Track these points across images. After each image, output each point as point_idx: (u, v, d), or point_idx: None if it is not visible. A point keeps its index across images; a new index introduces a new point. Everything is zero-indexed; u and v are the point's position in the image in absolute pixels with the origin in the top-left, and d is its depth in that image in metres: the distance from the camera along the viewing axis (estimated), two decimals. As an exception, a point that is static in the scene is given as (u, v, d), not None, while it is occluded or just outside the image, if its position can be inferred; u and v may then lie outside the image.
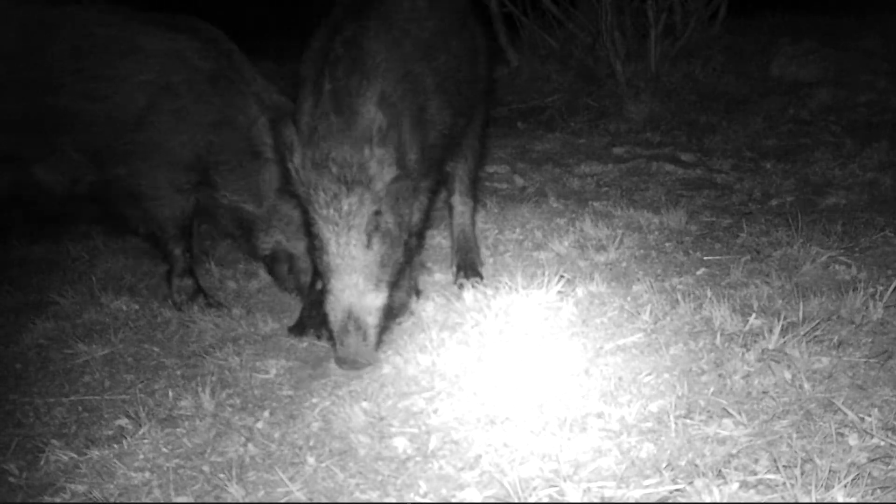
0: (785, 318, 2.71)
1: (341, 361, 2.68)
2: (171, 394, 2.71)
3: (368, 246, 2.62)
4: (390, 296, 2.72)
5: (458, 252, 3.49)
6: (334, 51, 2.69)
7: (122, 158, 3.29)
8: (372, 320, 2.66)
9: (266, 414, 2.53)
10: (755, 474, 2.01)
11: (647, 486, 2.01)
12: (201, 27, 3.45)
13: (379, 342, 2.73)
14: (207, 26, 3.47)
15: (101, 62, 3.26)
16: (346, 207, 2.58)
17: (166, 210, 3.38)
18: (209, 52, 3.35)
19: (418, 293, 3.22)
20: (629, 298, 3.10)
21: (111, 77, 3.26)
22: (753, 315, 2.80)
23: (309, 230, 2.73)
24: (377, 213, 2.61)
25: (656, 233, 3.84)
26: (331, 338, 2.73)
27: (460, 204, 3.49)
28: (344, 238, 2.60)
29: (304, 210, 2.72)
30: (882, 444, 2.08)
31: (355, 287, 2.62)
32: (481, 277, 3.40)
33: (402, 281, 2.89)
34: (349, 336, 2.63)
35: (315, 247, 2.69)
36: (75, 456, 2.39)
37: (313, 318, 3.10)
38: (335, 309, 2.64)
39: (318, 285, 3.00)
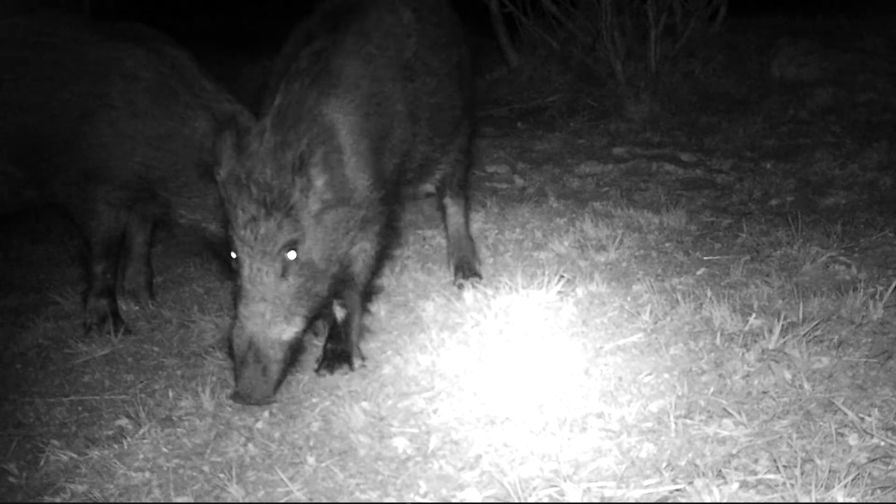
0: (785, 318, 2.71)
1: (236, 395, 2.50)
2: (171, 394, 2.71)
3: (283, 275, 2.45)
4: (303, 330, 2.54)
5: (453, 253, 3.46)
6: (298, 63, 2.59)
7: (56, 172, 3.17)
8: (274, 354, 2.46)
9: (266, 414, 2.53)
10: (755, 474, 2.01)
11: (647, 486, 2.01)
12: (146, 34, 3.27)
13: (280, 380, 2.52)
14: (155, 34, 3.30)
15: (40, 72, 3.16)
16: (262, 231, 2.41)
17: (95, 227, 3.22)
18: (151, 62, 3.17)
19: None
20: (629, 298, 3.11)
21: (47, 87, 3.14)
22: (753, 315, 2.80)
23: (228, 248, 2.54)
24: (295, 242, 2.44)
25: (656, 233, 3.84)
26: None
27: (452, 205, 3.43)
28: (257, 263, 2.43)
29: (224, 227, 2.57)
30: (882, 444, 2.08)
31: (262, 317, 2.44)
32: (479, 276, 3.39)
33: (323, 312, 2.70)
34: (247, 368, 2.46)
35: (232, 268, 2.53)
36: (75, 456, 2.39)
37: None
38: (238, 337, 2.47)
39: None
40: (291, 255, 2.44)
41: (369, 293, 2.89)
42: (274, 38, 3.11)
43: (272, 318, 2.45)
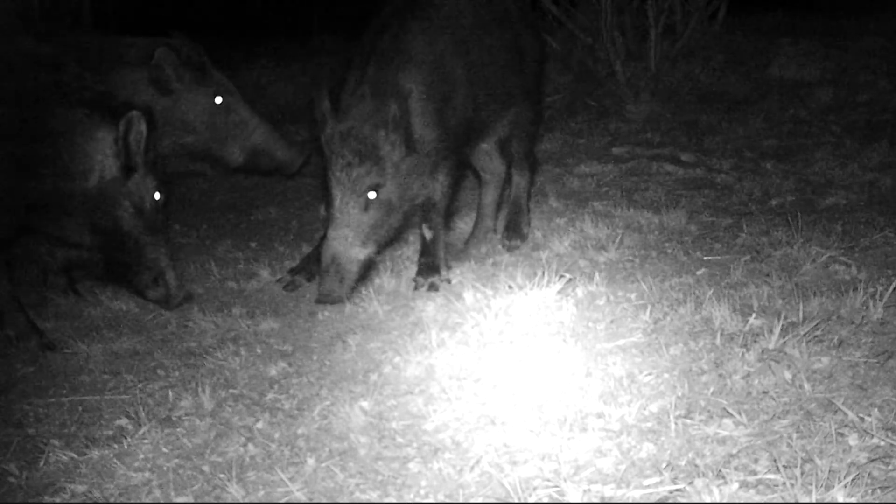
0: (785, 318, 2.71)
1: (319, 294, 3.21)
2: (171, 394, 2.71)
3: (365, 209, 3.12)
4: (376, 252, 3.23)
5: (508, 215, 3.90)
6: (382, 43, 3.23)
7: None
8: (350, 268, 3.15)
9: (266, 414, 2.53)
10: (755, 474, 2.01)
11: (647, 486, 2.01)
12: None
13: (353, 287, 3.21)
14: None
15: None
16: (354, 174, 3.08)
17: None
18: None
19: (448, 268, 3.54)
20: (629, 298, 3.11)
21: None
22: (753, 315, 2.80)
23: (325, 186, 3.22)
24: (378, 185, 3.11)
25: (656, 233, 3.84)
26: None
27: (517, 175, 3.91)
28: (346, 198, 3.10)
29: (324, 169, 3.21)
30: (882, 444, 2.08)
31: (344, 239, 3.12)
32: (524, 239, 3.81)
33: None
34: (329, 276, 3.14)
35: (326, 201, 3.22)
36: (75, 456, 2.39)
37: (307, 269, 3.55)
38: (325, 252, 3.15)
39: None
40: (373, 195, 3.12)
41: (450, 215, 3.62)
42: (271, 40, 3.17)
43: (352, 241, 3.13)
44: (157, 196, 3.15)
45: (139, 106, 3.09)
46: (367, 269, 3.27)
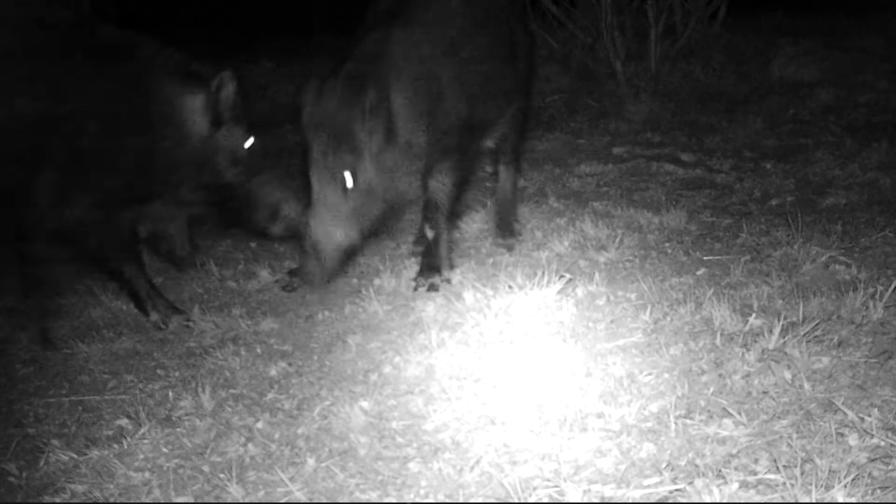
0: (785, 318, 2.71)
1: (301, 274, 3.31)
2: (171, 394, 2.71)
3: (343, 195, 3.09)
4: (357, 239, 3.19)
5: (498, 214, 3.93)
6: (363, 44, 3.23)
7: None
8: (330, 254, 3.15)
9: (266, 414, 2.53)
10: (755, 474, 2.01)
11: (647, 487, 2.01)
12: None
13: (333, 272, 3.23)
14: None
15: None
16: (330, 160, 3.06)
17: None
18: None
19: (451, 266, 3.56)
20: (629, 298, 3.11)
21: None
22: (753, 315, 2.80)
23: (304, 172, 3.21)
24: (355, 171, 3.07)
25: (656, 233, 3.84)
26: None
27: (504, 171, 3.96)
28: (324, 183, 3.09)
29: (303, 154, 3.21)
30: (882, 444, 2.08)
31: (324, 223, 3.12)
32: (517, 237, 3.84)
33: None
34: (309, 259, 3.16)
35: (307, 187, 3.19)
36: (75, 456, 2.39)
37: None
38: (306, 238, 3.16)
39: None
40: (350, 181, 3.07)
41: (454, 215, 3.60)
42: (272, 40, 3.17)
43: (332, 228, 3.12)
44: (248, 143, 3.35)
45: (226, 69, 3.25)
46: (349, 256, 3.27)
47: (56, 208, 3.08)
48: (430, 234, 3.47)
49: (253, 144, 3.35)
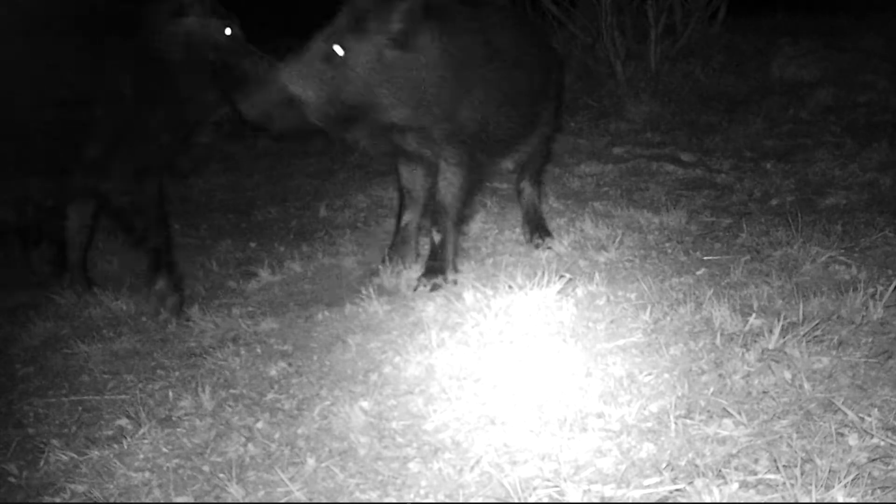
0: (785, 318, 2.71)
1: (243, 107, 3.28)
2: (171, 394, 2.71)
3: (326, 60, 3.15)
4: (313, 104, 3.17)
5: (528, 222, 3.96)
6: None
7: None
8: (274, 93, 3.20)
9: (266, 414, 2.53)
10: (755, 474, 2.01)
11: (647, 486, 2.01)
12: None
13: (272, 117, 3.23)
14: None
15: None
16: (338, 29, 3.15)
17: None
18: None
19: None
20: (629, 298, 3.11)
21: None
22: (753, 315, 2.80)
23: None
24: (351, 51, 3.12)
25: (656, 233, 3.84)
26: None
27: (528, 188, 4.00)
28: (322, 38, 3.17)
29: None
30: (882, 444, 2.08)
31: (292, 70, 3.18)
32: (551, 236, 3.84)
33: None
34: (259, 94, 3.24)
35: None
36: (75, 456, 2.39)
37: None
38: (277, 77, 3.23)
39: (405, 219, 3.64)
40: (339, 50, 3.12)
41: (461, 219, 3.57)
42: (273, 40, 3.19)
43: (295, 75, 3.16)
44: (227, 31, 3.50)
45: None
46: (294, 116, 3.20)
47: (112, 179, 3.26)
48: (436, 237, 3.47)
49: (232, 32, 3.50)
